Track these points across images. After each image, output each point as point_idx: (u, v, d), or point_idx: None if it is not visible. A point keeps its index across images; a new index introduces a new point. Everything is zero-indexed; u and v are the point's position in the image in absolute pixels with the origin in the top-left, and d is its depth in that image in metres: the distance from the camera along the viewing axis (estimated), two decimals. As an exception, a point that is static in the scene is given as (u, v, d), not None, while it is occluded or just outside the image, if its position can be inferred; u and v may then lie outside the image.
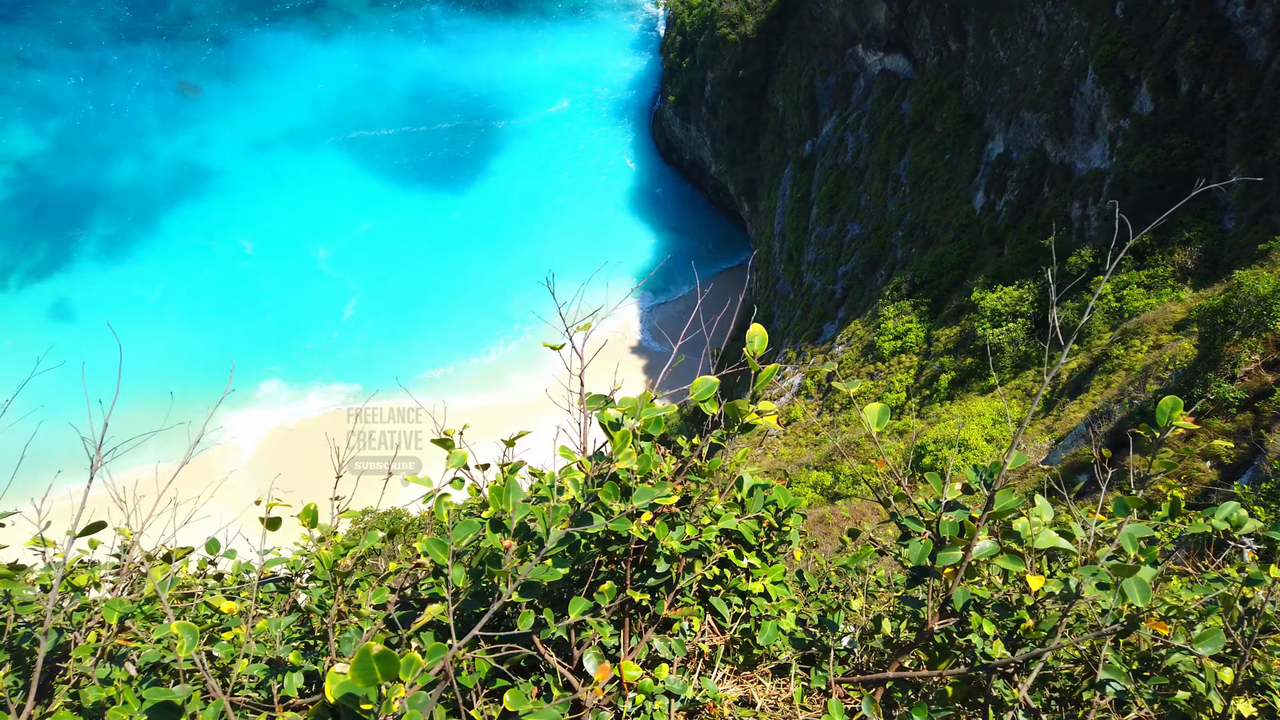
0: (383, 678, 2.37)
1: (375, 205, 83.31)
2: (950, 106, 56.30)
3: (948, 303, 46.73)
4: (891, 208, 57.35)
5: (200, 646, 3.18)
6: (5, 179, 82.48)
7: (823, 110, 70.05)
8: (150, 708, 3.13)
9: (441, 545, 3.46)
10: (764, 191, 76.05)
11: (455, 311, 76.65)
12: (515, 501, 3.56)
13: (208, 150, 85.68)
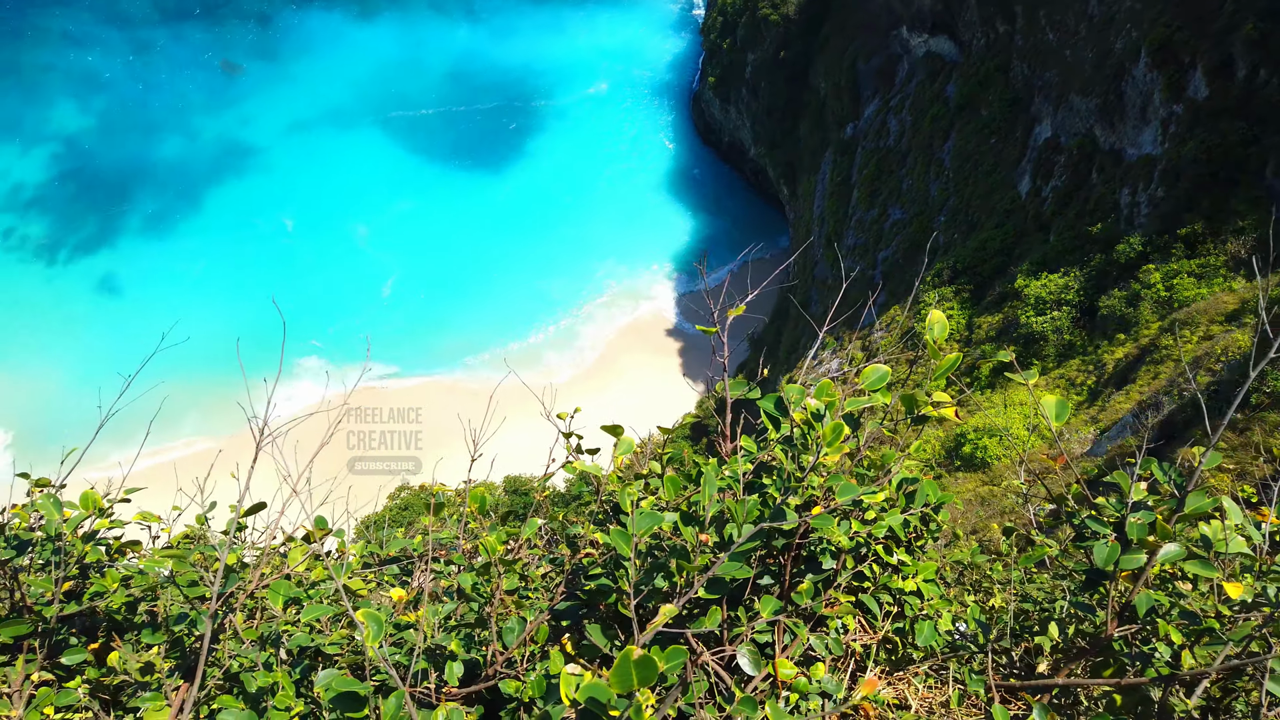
0: (639, 683, 2.28)
1: (414, 185, 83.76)
2: (996, 90, 55.28)
3: (990, 290, 46.08)
4: (934, 192, 56.55)
5: (385, 636, 3.09)
6: (54, 155, 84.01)
7: (865, 93, 69.10)
8: (335, 696, 3.06)
9: (625, 536, 3.33)
10: (803, 175, 75.31)
11: (492, 291, 76.99)
12: (711, 494, 3.42)
13: (250, 129, 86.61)
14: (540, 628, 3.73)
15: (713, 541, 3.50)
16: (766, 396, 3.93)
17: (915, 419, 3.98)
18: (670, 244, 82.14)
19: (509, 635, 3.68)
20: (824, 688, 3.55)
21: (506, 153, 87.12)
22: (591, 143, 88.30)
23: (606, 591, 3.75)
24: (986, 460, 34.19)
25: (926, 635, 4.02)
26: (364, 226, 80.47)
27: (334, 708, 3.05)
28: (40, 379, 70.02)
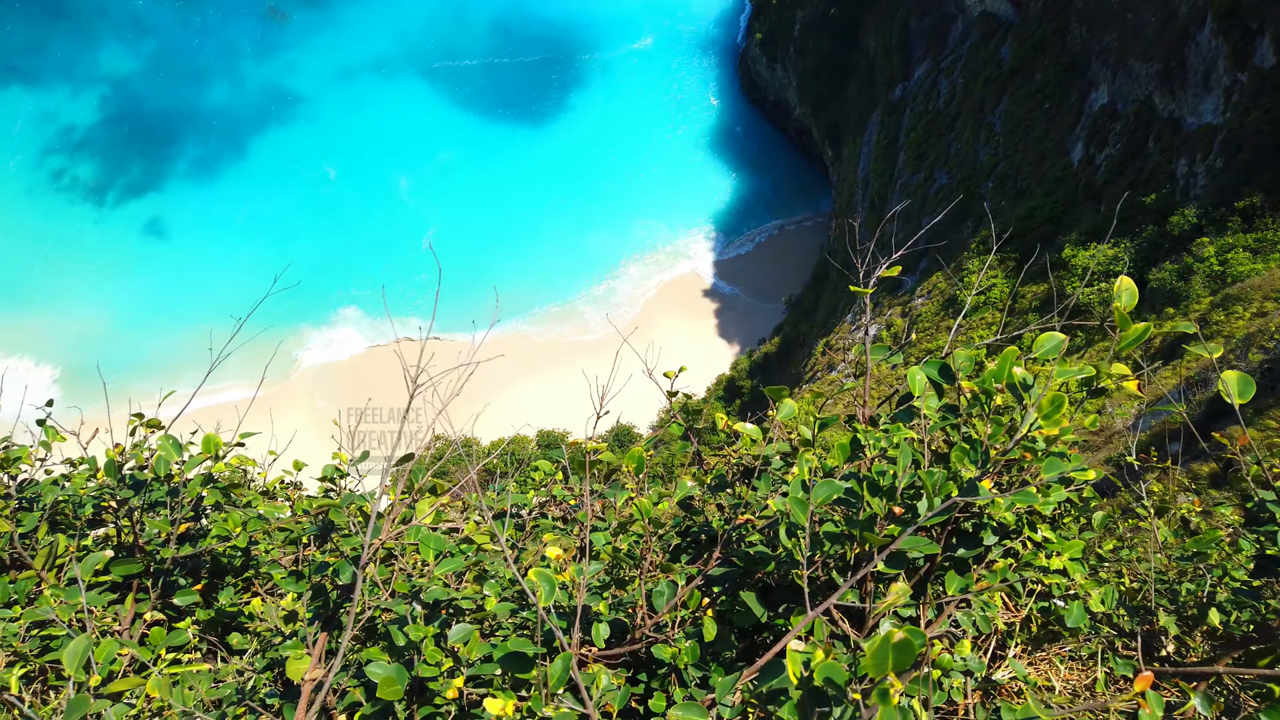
0: (894, 668, 2.14)
1: (456, 136, 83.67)
2: (1053, 53, 53.72)
3: (1037, 258, 45.20)
4: (983, 158, 55.35)
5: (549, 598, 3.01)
6: (103, 97, 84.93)
7: (915, 53, 67.49)
8: (504, 657, 3.04)
9: (803, 504, 3.18)
10: (849, 137, 74.01)
11: (530, 246, 77.07)
12: (905, 464, 3.27)
13: (295, 76, 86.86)
14: (693, 594, 3.59)
15: (883, 513, 3.36)
16: (928, 362, 3.74)
17: (1093, 392, 3.69)
18: (710, 203, 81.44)
19: (658, 599, 3.55)
20: (970, 665, 3.41)
21: (549, 106, 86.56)
22: (634, 98, 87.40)
23: (765, 559, 3.58)
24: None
25: (1076, 616, 3.87)
26: (405, 177, 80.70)
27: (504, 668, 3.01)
28: (87, 318, 71.60)
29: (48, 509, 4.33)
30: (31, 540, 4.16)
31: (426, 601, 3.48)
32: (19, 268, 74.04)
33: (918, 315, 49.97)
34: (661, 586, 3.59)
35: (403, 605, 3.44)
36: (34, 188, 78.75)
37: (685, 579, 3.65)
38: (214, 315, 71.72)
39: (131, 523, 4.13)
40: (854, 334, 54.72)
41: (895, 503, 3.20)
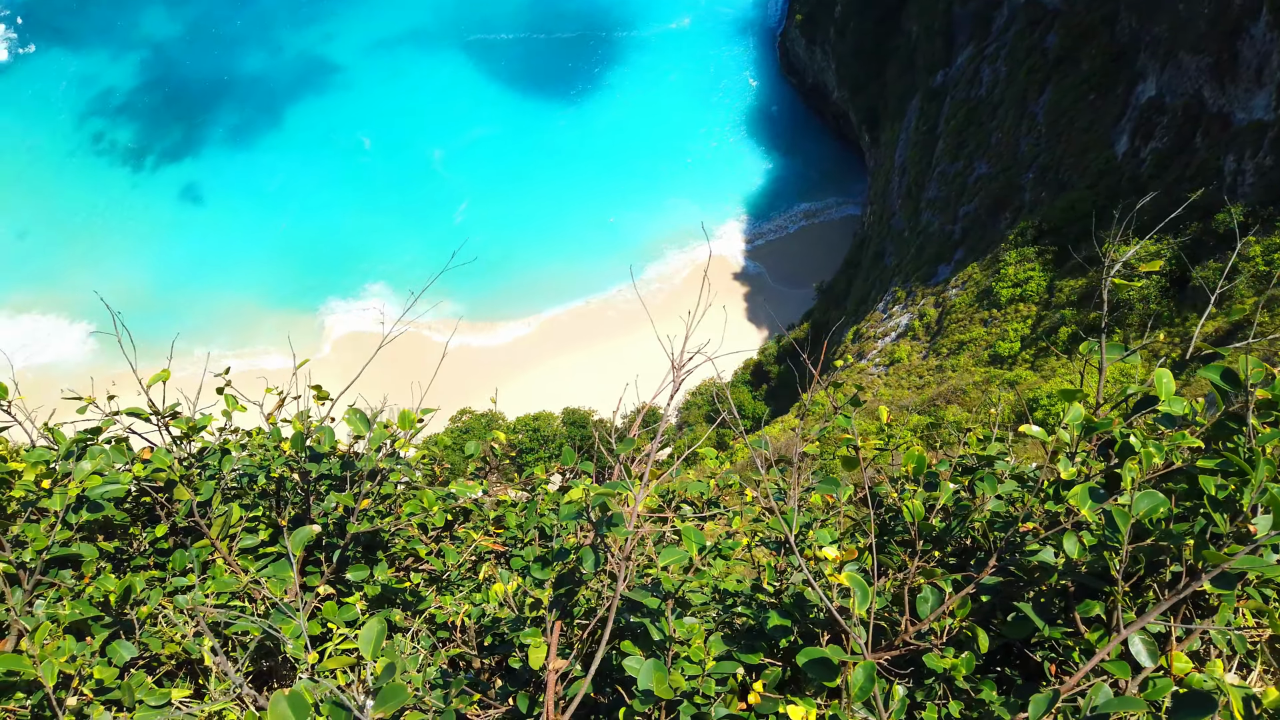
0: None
1: (491, 110, 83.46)
2: (1100, 43, 52.58)
3: (1076, 253, 44.49)
4: (1024, 148, 54.43)
5: (865, 603, 2.86)
6: (143, 61, 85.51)
7: (958, 39, 66.33)
8: (809, 662, 2.83)
9: (1124, 516, 2.93)
10: (887, 122, 73.02)
11: (561, 223, 76.94)
12: (1261, 479, 2.96)
13: (332, 45, 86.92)
14: (965, 601, 3.37)
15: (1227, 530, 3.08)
16: (1210, 366, 3.52)
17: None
18: (743, 185, 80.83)
19: (923, 605, 3.33)
20: (1220, 685, 3.16)
21: (584, 83, 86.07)
22: (671, 78, 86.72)
23: (1047, 570, 3.33)
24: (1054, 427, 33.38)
25: None
26: (439, 150, 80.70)
27: (810, 674, 2.83)
28: (123, 278, 72.46)
29: (223, 478, 4.29)
30: (207, 509, 4.12)
31: (670, 593, 3.33)
32: (58, 227, 75.07)
33: (951, 306, 49.44)
34: (926, 592, 3.37)
35: (651, 598, 3.30)
36: (74, 150, 79.64)
37: (952, 585, 3.45)
38: (246, 282, 72.54)
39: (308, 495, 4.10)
40: (885, 322, 54.27)
41: (1247, 520, 2.99)
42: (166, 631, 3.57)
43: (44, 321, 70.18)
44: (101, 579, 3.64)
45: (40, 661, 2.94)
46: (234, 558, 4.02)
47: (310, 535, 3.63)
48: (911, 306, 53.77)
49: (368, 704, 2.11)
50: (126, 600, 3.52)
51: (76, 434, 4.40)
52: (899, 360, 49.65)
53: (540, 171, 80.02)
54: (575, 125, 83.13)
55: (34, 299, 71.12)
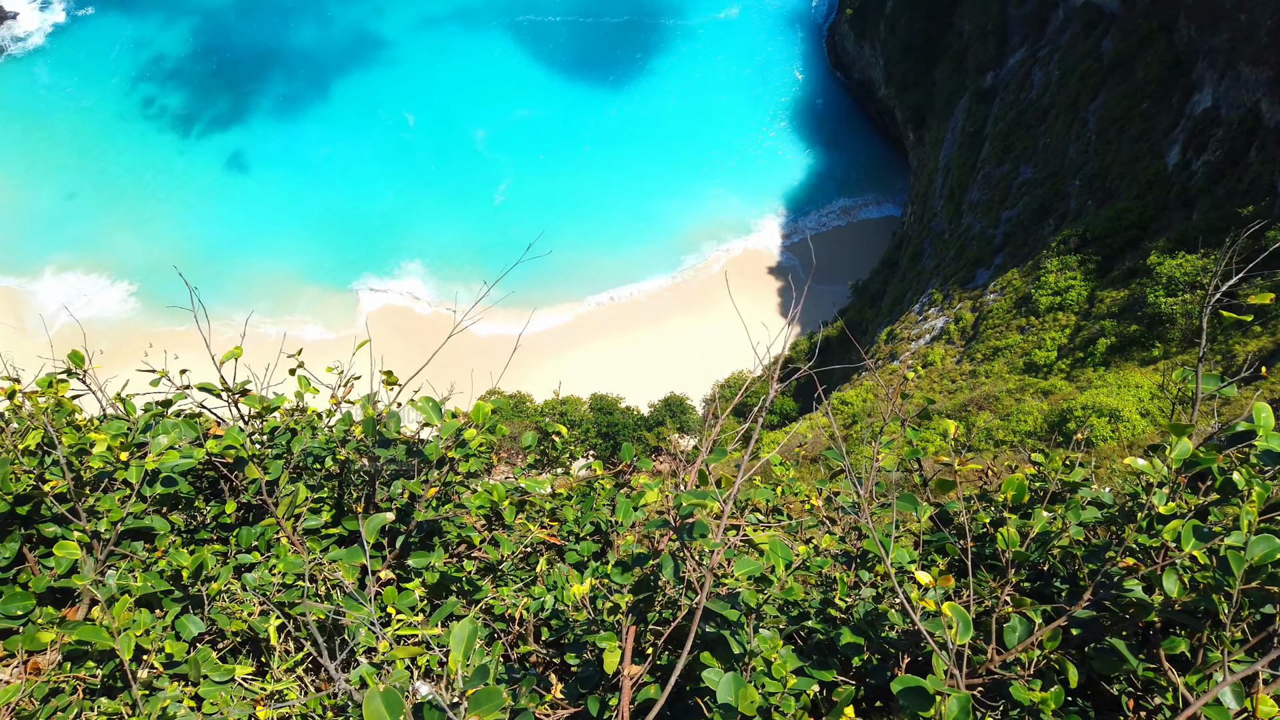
0: None
1: (535, 92, 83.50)
2: (1157, 50, 51.56)
3: (1119, 263, 43.82)
4: (1072, 154, 53.57)
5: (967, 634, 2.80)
6: (194, 28, 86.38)
7: (1012, 40, 65.33)
8: (902, 690, 2.75)
9: (1238, 560, 2.83)
10: (933, 121, 72.13)
11: (600, 208, 76.88)
12: None
13: (382, 21, 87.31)
14: (1056, 634, 3.26)
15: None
16: None
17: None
18: (784, 177, 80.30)
19: (1010, 635, 3.23)
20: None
21: (629, 69, 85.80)
22: (716, 67, 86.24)
23: (1145, 608, 3.18)
24: (1092, 440, 32.95)
25: None
26: (482, 129, 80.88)
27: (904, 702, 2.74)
28: (166, 241, 73.52)
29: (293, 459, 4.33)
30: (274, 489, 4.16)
31: (752, 608, 3.23)
32: (105, 189, 76.21)
33: (988, 311, 48.88)
34: (1015, 622, 3.28)
35: (731, 610, 3.21)
36: (125, 113, 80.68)
37: (1042, 617, 3.35)
38: (285, 252, 73.31)
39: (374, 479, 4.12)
40: (920, 324, 53.79)
41: None
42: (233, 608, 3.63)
43: (87, 280, 71.49)
44: (174, 553, 3.70)
45: (118, 633, 3.01)
46: (297, 537, 4.07)
47: (384, 522, 3.67)
48: (948, 309, 53.23)
49: (462, 706, 2.11)
50: (198, 576, 3.59)
51: (146, 405, 4.47)
52: (932, 363, 49.20)
53: (581, 155, 79.98)
54: (618, 111, 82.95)
55: (78, 258, 72.39)
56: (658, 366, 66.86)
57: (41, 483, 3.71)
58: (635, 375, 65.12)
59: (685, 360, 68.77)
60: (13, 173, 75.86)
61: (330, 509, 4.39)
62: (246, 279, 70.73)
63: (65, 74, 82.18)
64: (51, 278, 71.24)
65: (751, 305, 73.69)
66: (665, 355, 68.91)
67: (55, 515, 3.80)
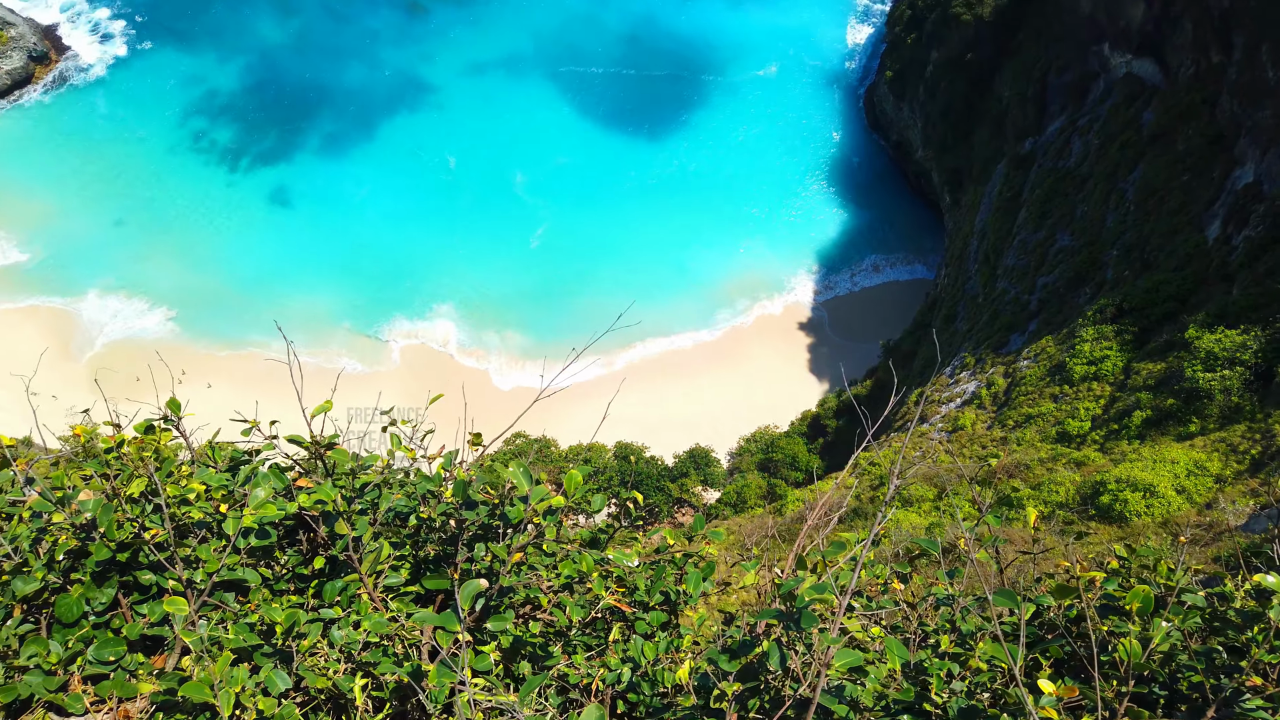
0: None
1: (575, 140, 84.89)
2: (1198, 124, 51.62)
3: (1156, 335, 43.42)
4: (1110, 223, 53.46)
5: None
6: (247, 65, 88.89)
7: (1051, 107, 65.68)
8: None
9: None
10: (970, 184, 72.38)
11: (634, 256, 77.55)
12: None
13: (430, 67, 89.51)
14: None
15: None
16: None
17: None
18: (818, 234, 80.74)
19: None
20: None
21: (669, 122, 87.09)
22: (754, 123, 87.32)
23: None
24: (1125, 515, 32.38)
25: None
26: (521, 174, 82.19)
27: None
28: (206, 270, 75.08)
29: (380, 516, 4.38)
30: (359, 545, 4.19)
31: (865, 706, 3.17)
32: (153, 217, 78.03)
33: (1021, 377, 48.49)
34: None
35: (840, 705, 3.14)
36: (176, 145, 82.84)
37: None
38: (323, 286, 74.46)
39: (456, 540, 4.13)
40: (952, 387, 53.42)
41: None
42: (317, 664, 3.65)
43: (128, 304, 73.09)
44: (266, 607, 3.75)
45: (220, 689, 3.05)
46: (378, 594, 4.11)
47: (479, 589, 3.69)
48: (980, 374, 52.87)
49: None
50: (290, 632, 3.63)
51: (233, 451, 4.56)
52: (962, 427, 48.74)
53: (618, 204, 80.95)
54: (657, 162, 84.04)
55: (122, 283, 73.97)
56: (683, 417, 66.82)
57: (143, 530, 3.80)
58: (660, 425, 65.10)
59: (711, 412, 68.68)
60: (67, 197, 77.93)
61: (409, 567, 4.43)
62: (283, 311, 71.81)
63: (122, 105, 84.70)
64: (95, 300, 72.80)
65: (781, 361, 73.65)
66: (691, 406, 68.87)
67: (152, 563, 3.88)
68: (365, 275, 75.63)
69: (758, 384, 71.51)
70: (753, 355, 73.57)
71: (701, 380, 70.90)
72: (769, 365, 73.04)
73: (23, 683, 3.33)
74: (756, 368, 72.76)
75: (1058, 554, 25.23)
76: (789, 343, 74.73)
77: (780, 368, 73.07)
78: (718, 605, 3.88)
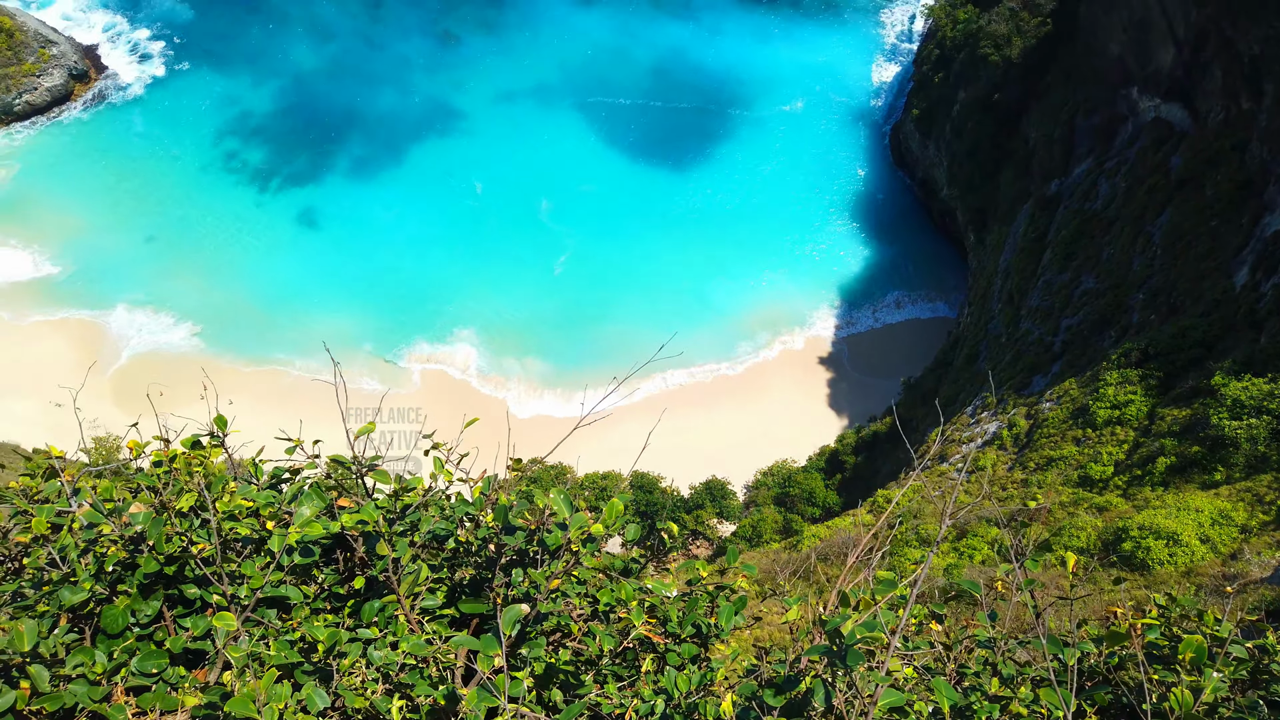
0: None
1: (600, 169, 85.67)
2: (1227, 170, 51.42)
3: (1182, 381, 43.00)
4: (1136, 267, 53.17)
5: None
6: (281, 88, 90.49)
7: (1078, 150, 65.62)
8: None
9: None
10: (994, 224, 72.25)
11: (657, 286, 77.82)
12: None
13: (461, 94, 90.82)
14: None
15: None
16: None
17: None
18: (841, 269, 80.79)
19: None
20: None
21: (694, 154, 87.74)
22: (779, 158, 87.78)
23: None
24: (1148, 563, 31.90)
25: None
26: (547, 201, 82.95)
27: None
28: (232, 287, 76.13)
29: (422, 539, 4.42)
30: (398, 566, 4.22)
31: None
32: (183, 234, 79.27)
33: (1044, 419, 48.08)
34: None
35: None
36: (209, 164, 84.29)
37: None
38: (346, 307, 75.14)
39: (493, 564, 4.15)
40: (973, 427, 53.03)
41: None
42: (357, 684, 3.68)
43: (155, 318, 74.13)
44: (308, 625, 3.79)
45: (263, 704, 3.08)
46: (415, 616, 4.14)
47: (520, 615, 3.72)
48: (1001, 415, 52.46)
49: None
50: (332, 650, 3.66)
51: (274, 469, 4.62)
52: (982, 468, 48.31)
53: (642, 233, 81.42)
54: (681, 193, 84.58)
55: (150, 297, 75.05)
56: (699, 448, 66.56)
57: (191, 544, 3.86)
58: (677, 455, 64.91)
59: (728, 444, 68.42)
60: (100, 213, 79.34)
61: (445, 589, 4.45)
62: (306, 331, 72.53)
63: (158, 124, 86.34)
64: (124, 314, 73.87)
65: (800, 394, 73.43)
66: (708, 437, 68.64)
67: (197, 577, 3.93)
68: (388, 297, 76.31)
69: (776, 417, 71.27)
70: (772, 388, 73.42)
71: (720, 411, 70.77)
72: (788, 398, 72.84)
73: (68, 691, 3.38)
74: (775, 400, 72.56)
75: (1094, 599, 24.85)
76: (809, 377, 74.55)
77: (799, 401, 72.84)
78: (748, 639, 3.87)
